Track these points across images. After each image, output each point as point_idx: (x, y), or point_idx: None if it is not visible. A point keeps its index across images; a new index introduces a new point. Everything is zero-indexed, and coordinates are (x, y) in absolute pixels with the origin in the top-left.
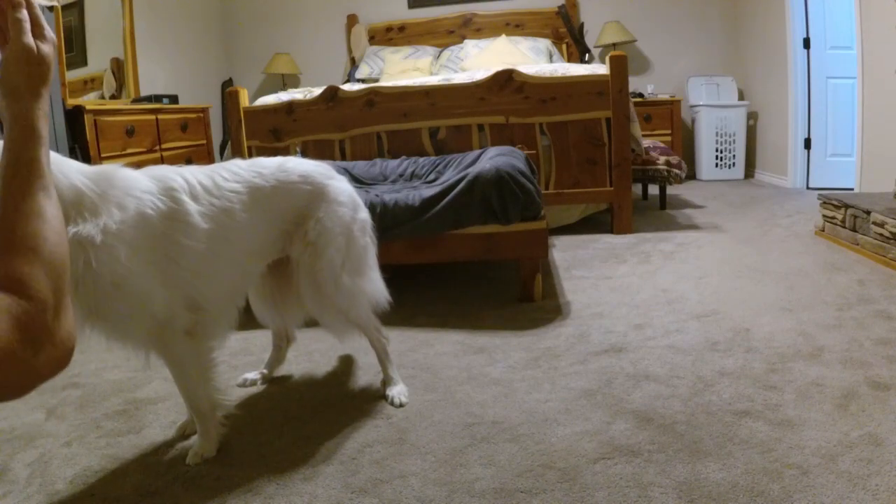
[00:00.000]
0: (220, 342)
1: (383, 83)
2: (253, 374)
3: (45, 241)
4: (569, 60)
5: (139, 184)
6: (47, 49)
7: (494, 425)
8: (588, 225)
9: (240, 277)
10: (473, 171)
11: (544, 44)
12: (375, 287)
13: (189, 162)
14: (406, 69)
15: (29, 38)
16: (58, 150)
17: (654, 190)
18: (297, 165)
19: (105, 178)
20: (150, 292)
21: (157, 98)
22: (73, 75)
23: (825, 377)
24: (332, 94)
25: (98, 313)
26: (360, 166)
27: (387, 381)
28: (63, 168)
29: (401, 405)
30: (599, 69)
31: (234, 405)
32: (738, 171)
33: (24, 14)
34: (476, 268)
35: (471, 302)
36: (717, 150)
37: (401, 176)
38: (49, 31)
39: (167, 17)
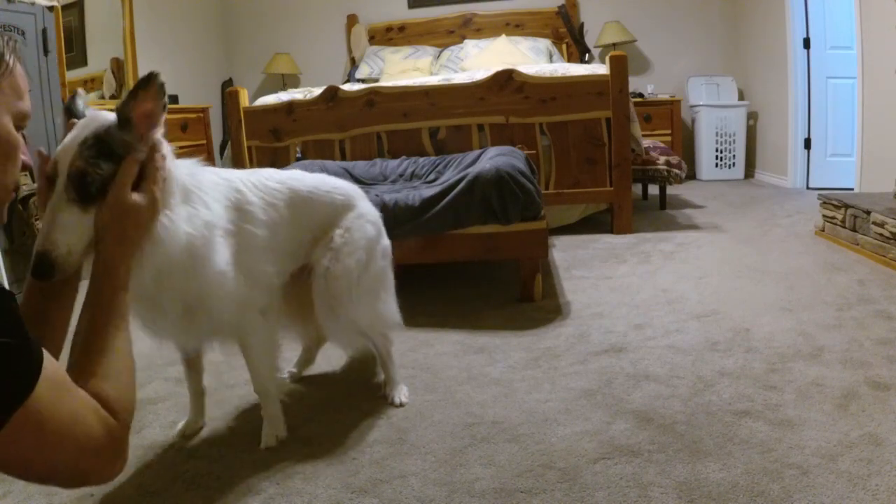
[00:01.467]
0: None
1: (383, 83)
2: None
3: (119, 372)
4: (569, 60)
5: (213, 176)
6: (139, 199)
7: (494, 425)
8: (588, 225)
9: (277, 276)
10: (473, 171)
11: (544, 44)
12: (387, 308)
13: None
14: (406, 69)
15: (120, 191)
16: None
17: (654, 190)
18: (332, 179)
19: (194, 171)
20: (237, 279)
21: None
22: (73, 75)
23: (825, 377)
24: (332, 94)
25: (201, 303)
26: (360, 166)
27: (387, 381)
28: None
29: (401, 405)
30: (599, 69)
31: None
32: (738, 171)
33: (131, 168)
34: (476, 268)
35: (471, 302)
36: (717, 150)
37: (401, 176)
38: (160, 178)
39: (167, 17)
